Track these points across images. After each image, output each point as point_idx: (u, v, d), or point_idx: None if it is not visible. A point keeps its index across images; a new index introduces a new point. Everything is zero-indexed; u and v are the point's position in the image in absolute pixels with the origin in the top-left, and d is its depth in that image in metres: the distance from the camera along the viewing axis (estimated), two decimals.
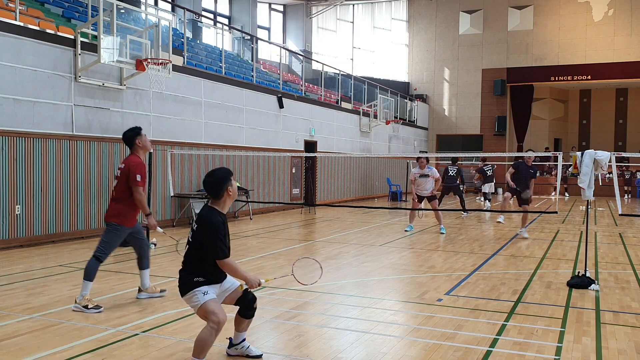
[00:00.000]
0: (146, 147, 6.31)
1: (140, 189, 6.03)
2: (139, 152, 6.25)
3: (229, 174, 4.32)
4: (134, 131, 6.27)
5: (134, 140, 6.22)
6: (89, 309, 5.77)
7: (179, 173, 13.75)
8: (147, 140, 6.33)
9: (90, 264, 5.95)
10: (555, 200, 24.96)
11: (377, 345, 4.94)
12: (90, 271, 5.92)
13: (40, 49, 10.35)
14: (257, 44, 21.47)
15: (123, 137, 6.28)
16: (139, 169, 6.04)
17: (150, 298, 6.43)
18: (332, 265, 8.86)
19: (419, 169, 13.18)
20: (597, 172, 7.39)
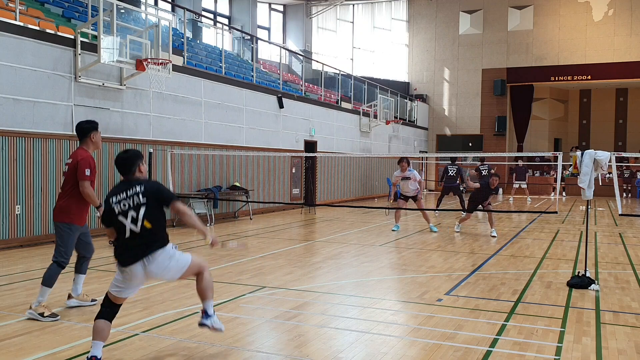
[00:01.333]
0: (97, 145, 5.97)
1: (88, 183, 5.69)
2: (89, 146, 5.90)
3: (140, 154, 4.65)
4: (91, 124, 5.94)
5: (88, 133, 5.87)
6: (45, 317, 5.45)
7: (179, 173, 13.75)
8: (100, 138, 6.01)
9: (52, 270, 5.65)
10: (555, 200, 24.95)
11: (377, 345, 4.94)
12: (50, 277, 5.62)
13: (40, 49, 10.35)
14: (257, 44, 21.48)
15: (77, 128, 5.96)
16: (87, 162, 5.70)
17: (80, 306, 5.97)
18: (332, 265, 8.86)
19: (401, 172, 13.19)
20: (597, 172, 7.39)
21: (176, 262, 4.44)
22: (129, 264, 4.33)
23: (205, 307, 4.71)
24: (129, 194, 4.39)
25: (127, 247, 4.37)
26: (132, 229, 4.33)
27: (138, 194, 4.37)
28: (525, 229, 13.75)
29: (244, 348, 4.83)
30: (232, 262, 8.87)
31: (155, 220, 4.37)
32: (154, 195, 4.40)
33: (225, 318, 5.68)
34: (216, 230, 12.99)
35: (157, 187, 4.54)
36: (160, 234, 4.42)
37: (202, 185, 14.50)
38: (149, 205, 4.35)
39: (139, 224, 4.31)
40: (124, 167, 4.52)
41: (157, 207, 4.42)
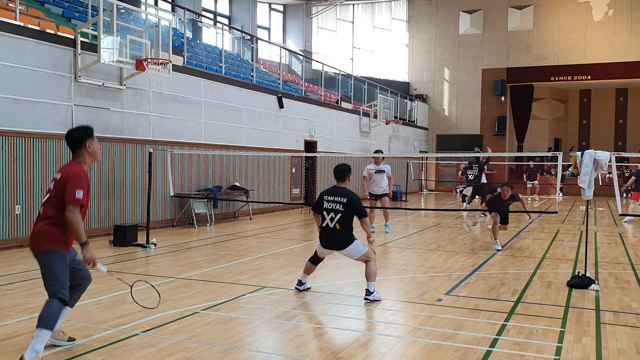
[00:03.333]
0: (95, 156, 4.67)
1: (78, 209, 4.40)
2: (85, 159, 4.61)
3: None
4: (85, 131, 4.63)
5: (82, 143, 4.58)
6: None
7: (179, 173, 13.75)
8: (98, 146, 4.69)
9: (53, 307, 4.40)
10: (556, 200, 24.98)
11: (377, 345, 4.94)
12: (51, 317, 4.36)
13: (40, 49, 10.35)
14: (257, 44, 21.47)
15: (67, 137, 4.62)
16: (80, 182, 4.43)
17: (54, 345, 4.76)
18: (332, 265, 8.86)
19: (375, 165, 12.83)
20: (597, 172, 7.39)
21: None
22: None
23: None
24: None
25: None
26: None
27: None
28: (525, 229, 13.75)
29: (244, 348, 4.83)
30: (232, 262, 8.87)
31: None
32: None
33: (225, 318, 5.69)
34: (216, 230, 12.99)
35: None
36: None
37: (202, 185, 14.50)
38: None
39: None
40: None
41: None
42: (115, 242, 10.40)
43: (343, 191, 6.43)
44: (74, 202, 4.38)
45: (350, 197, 6.35)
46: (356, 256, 6.47)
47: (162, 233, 12.20)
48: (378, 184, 12.79)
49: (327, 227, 6.39)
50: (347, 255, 6.50)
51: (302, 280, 6.84)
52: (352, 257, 6.52)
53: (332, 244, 6.47)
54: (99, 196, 11.58)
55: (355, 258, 6.50)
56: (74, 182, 4.40)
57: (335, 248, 6.47)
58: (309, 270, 6.82)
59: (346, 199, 6.32)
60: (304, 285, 6.85)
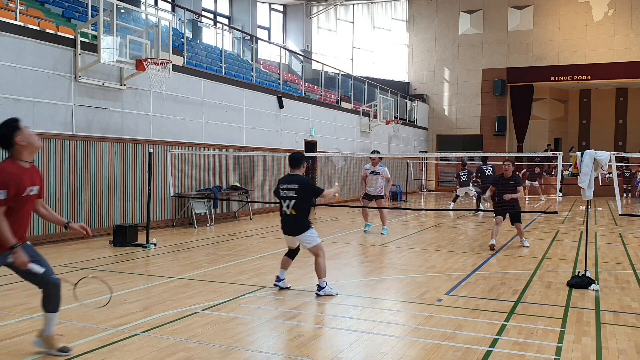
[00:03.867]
0: (32, 145, 4.27)
1: (2, 210, 4.09)
2: (21, 154, 4.24)
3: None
4: (10, 126, 4.22)
5: (11, 139, 4.19)
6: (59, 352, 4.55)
7: (179, 173, 13.75)
8: (31, 134, 4.28)
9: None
10: (556, 200, 24.98)
11: (377, 345, 4.94)
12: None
13: (40, 49, 10.35)
14: (257, 44, 21.47)
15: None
16: (6, 179, 4.09)
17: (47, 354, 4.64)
18: (332, 265, 8.86)
19: (371, 166, 12.62)
20: (597, 172, 7.39)
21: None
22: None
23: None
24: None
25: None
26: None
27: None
28: (525, 229, 13.74)
29: (244, 348, 4.83)
30: (232, 262, 8.87)
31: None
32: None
33: (225, 318, 5.69)
34: (216, 230, 12.99)
35: None
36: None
37: (202, 185, 14.50)
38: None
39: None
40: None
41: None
42: (115, 242, 10.40)
43: (296, 177, 6.67)
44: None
45: (302, 181, 6.61)
46: (308, 245, 6.65)
47: (162, 233, 12.19)
48: (372, 185, 12.64)
49: (284, 213, 6.66)
50: (302, 242, 6.68)
51: (279, 276, 6.93)
52: (305, 244, 6.68)
53: (289, 230, 6.70)
54: (99, 196, 11.58)
55: (307, 247, 6.67)
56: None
57: (291, 234, 6.68)
58: (285, 265, 6.95)
59: (298, 184, 6.57)
60: (282, 281, 6.92)
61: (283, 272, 6.96)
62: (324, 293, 6.59)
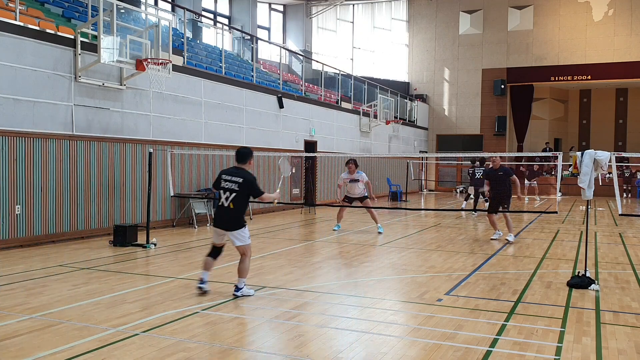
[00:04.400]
0: None
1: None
2: None
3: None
4: None
5: None
6: None
7: (179, 173, 13.75)
8: None
9: None
10: (556, 200, 24.98)
11: (377, 345, 4.94)
12: None
13: (40, 49, 10.35)
14: (257, 44, 21.47)
15: None
16: None
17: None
18: (332, 265, 8.87)
19: (348, 174, 12.86)
20: (597, 172, 7.39)
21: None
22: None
23: None
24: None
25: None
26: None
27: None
28: (525, 229, 13.75)
29: (244, 348, 4.83)
30: (232, 262, 8.86)
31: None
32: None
33: (225, 318, 5.69)
34: None
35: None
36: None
37: (202, 185, 14.50)
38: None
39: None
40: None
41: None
42: (115, 242, 10.40)
43: (242, 172, 6.56)
44: None
45: (247, 177, 6.51)
46: (239, 242, 6.48)
47: (162, 233, 12.20)
48: (353, 191, 12.90)
49: (221, 205, 6.51)
50: (233, 238, 6.49)
51: (203, 278, 6.64)
52: (235, 242, 6.48)
53: (222, 223, 6.52)
54: (99, 196, 11.58)
55: (237, 244, 6.50)
56: None
57: (224, 227, 6.51)
58: (208, 266, 6.69)
59: (242, 179, 6.46)
60: (205, 283, 6.63)
61: (206, 274, 6.66)
62: (241, 294, 6.45)
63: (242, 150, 6.75)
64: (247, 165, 6.70)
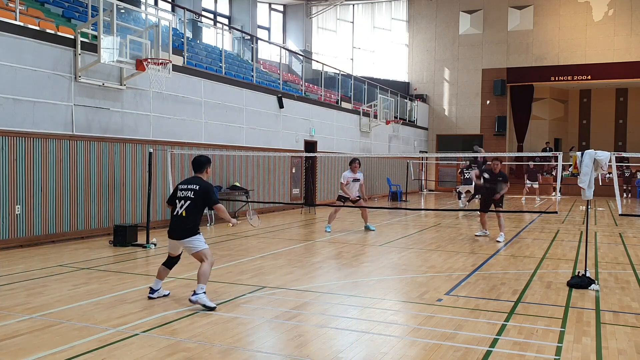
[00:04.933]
0: None
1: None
2: None
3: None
4: None
5: None
6: None
7: (179, 173, 13.74)
8: None
9: None
10: (556, 200, 24.96)
11: (377, 345, 4.94)
12: None
13: (40, 49, 10.35)
14: (257, 44, 21.47)
15: None
16: None
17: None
18: (332, 265, 8.87)
19: (352, 173, 12.88)
20: (597, 172, 7.39)
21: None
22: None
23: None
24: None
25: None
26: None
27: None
28: (525, 229, 13.75)
29: (244, 348, 4.83)
30: (232, 262, 8.87)
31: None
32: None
33: (225, 318, 5.69)
34: (216, 230, 13.00)
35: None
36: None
37: None
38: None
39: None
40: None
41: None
42: (115, 242, 10.40)
43: (198, 180, 6.37)
44: None
45: (204, 185, 6.29)
46: (194, 250, 6.21)
47: (162, 233, 12.17)
48: (352, 190, 12.96)
49: (175, 215, 6.34)
50: (187, 248, 6.24)
51: (153, 287, 6.39)
52: (190, 250, 6.24)
53: (175, 233, 6.29)
54: (99, 196, 11.57)
55: (192, 252, 6.24)
56: None
57: (177, 237, 6.27)
58: (161, 274, 6.45)
59: (199, 187, 6.26)
60: (156, 292, 6.38)
61: (158, 282, 6.40)
62: (196, 300, 5.97)
63: (198, 159, 6.49)
64: (204, 174, 6.46)
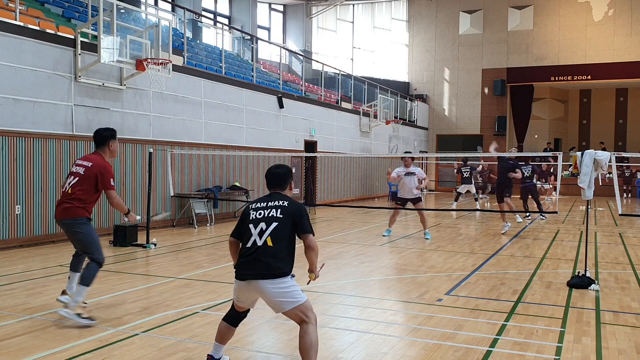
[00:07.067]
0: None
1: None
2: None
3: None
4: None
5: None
6: (83, 318, 5.28)
7: (179, 173, 13.75)
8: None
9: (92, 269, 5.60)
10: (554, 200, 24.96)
11: (377, 345, 4.94)
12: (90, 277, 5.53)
13: (40, 49, 10.35)
14: (257, 44, 21.47)
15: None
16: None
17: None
18: (332, 265, 8.86)
19: (404, 167, 12.24)
20: (597, 172, 7.39)
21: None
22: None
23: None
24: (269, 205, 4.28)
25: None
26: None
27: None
28: (525, 229, 13.75)
29: (244, 348, 4.83)
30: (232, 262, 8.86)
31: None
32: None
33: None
34: (216, 231, 13.00)
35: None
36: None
37: (202, 185, 14.50)
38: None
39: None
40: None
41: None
42: (116, 242, 10.40)
43: (283, 196, 4.38)
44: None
45: (295, 203, 4.32)
46: (287, 306, 4.02)
47: (162, 233, 12.19)
48: (407, 187, 12.07)
49: (252, 246, 4.11)
50: (274, 301, 4.03)
51: (213, 356, 4.32)
52: (278, 305, 4.03)
53: (253, 267, 4.03)
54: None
55: (282, 308, 4.03)
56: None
57: (256, 274, 4.00)
58: (223, 337, 4.35)
59: (287, 202, 4.26)
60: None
61: (219, 349, 4.38)
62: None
63: (278, 171, 4.61)
64: (288, 191, 4.58)
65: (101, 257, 5.68)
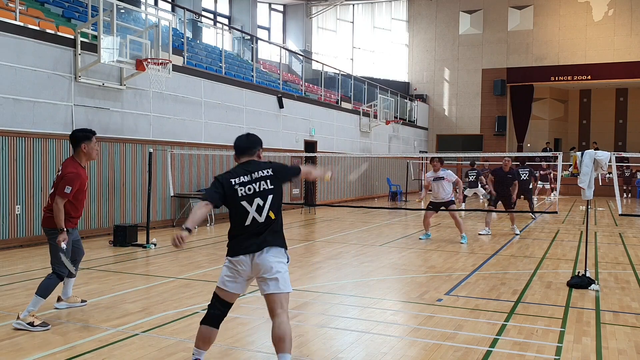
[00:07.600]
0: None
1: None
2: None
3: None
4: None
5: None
6: (35, 327, 5.19)
7: (179, 173, 13.75)
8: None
9: (51, 280, 5.55)
10: (554, 200, 24.94)
11: (377, 345, 4.94)
12: (47, 288, 5.45)
13: (40, 49, 10.35)
14: (257, 44, 21.47)
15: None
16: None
17: (70, 308, 5.93)
18: (332, 265, 8.86)
19: (433, 172, 11.73)
20: (597, 172, 7.39)
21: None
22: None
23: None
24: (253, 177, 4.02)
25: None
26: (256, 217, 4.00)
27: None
28: (525, 229, 13.75)
29: (244, 348, 4.83)
30: None
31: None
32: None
33: (225, 318, 5.68)
34: (216, 231, 13.00)
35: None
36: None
37: (202, 185, 14.49)
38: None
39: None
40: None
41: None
42: (115, 242, 10.40)
43: (262, 163, 4.14)
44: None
45: (272, 164, 4.17)
46: (279, 286, 4.11)
47: (162, 233, 12.19)
48: (437, 192, 11.63)
49: (253, 223, 4.03)
50: (270, 270, 4.07)
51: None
52: (271, 283, 4.10)
53: (257, 242, 4.04)
54: (99, 196, 11.57)
55: (275, 291, 4.11)
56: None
57: (260, 246, 4.04)
58: (206, 342, 4.13)
59: (270, 169, 4.07)
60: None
61: (200, 354, 4.15)
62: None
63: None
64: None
65: (64, 270, 5.51)
